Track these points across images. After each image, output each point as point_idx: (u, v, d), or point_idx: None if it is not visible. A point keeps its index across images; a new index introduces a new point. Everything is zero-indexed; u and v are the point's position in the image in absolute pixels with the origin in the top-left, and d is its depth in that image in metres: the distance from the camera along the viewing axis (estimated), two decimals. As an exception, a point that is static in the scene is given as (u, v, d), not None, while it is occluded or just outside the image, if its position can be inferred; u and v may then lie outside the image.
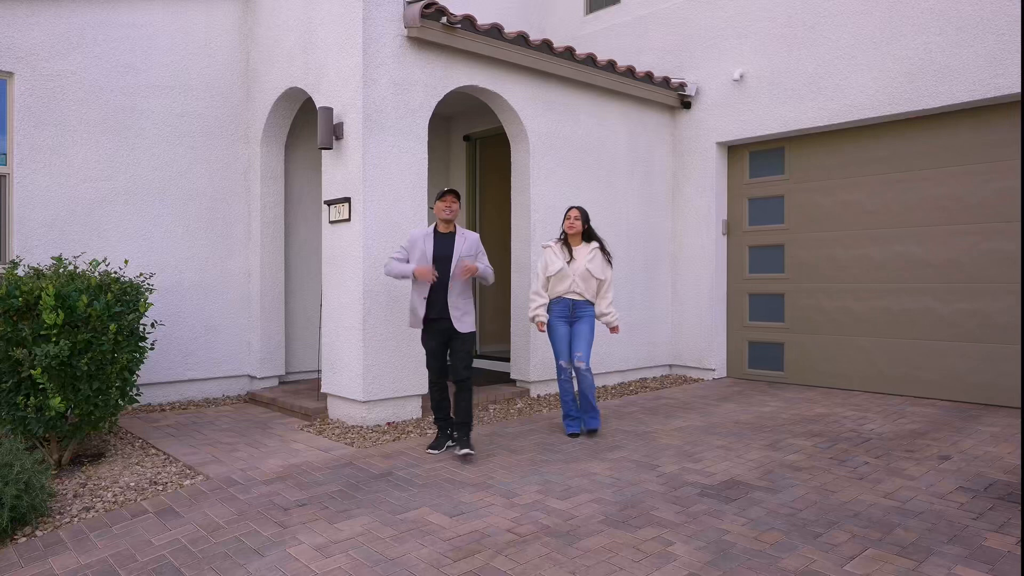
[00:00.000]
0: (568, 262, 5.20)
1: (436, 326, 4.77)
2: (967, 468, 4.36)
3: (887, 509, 3.71)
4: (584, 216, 5.29)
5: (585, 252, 5.25)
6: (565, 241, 5.31)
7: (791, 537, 3.39)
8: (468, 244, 4.81)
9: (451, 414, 4.90)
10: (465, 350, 4.76)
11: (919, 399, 6.44)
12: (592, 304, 5.30)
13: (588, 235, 5.32)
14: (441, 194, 4.77)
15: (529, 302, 5.42)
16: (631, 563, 3.14)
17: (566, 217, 5.28)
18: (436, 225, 4.86)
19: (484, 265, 4.91)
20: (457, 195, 4.79)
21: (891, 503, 3.80)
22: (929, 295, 6.48)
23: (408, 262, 4.81)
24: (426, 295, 4.71)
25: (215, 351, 6.85)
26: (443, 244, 4.77)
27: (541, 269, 5.31)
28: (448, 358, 4.88)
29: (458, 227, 4.86)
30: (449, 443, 4.92)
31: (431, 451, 4.84)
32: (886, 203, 6.74)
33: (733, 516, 3.66)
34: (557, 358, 5.26)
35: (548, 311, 5.29)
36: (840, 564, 3.09)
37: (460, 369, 4.76)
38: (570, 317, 5.24)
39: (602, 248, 5.32)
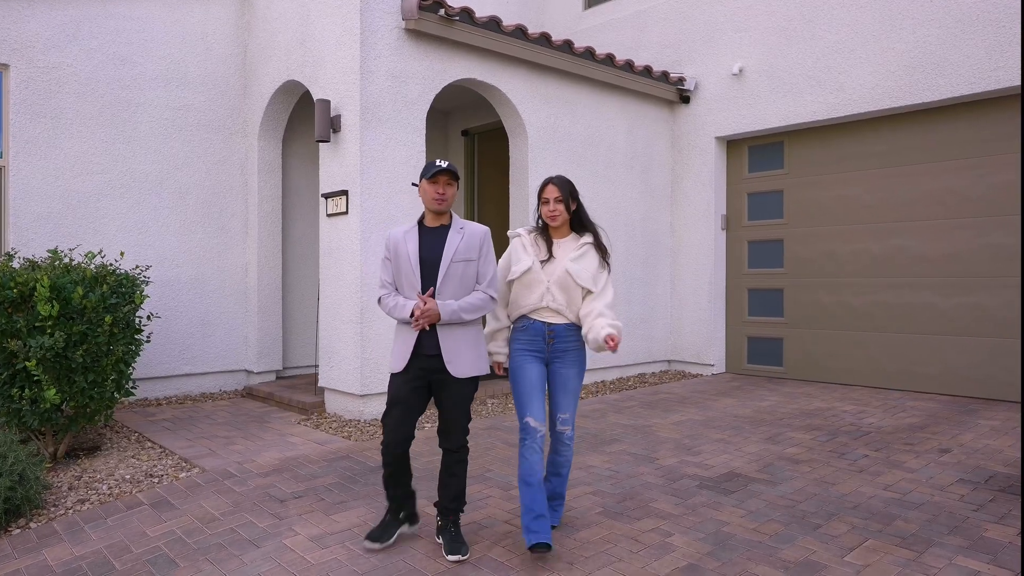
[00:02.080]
0: (544, 261, 3.28)
1: (418, 365, 3.16)
2: (967, 461, 4.34)
3: (887, 501, 3.69)
4: (567, 191, 3.30)
5: (571, 247, 3.33)
6: (543, 230, 3.38)
7: (790, 528, 3.37)
8: (467, 241, 3.18)
9: (412, 487, 3.32)
10: (465, 402, 3.19)
11: (918, 393, 6.42)
12: (580, 328, 3.32)
13: (578, 223, 3.40)
14: (433, 173, 3.13)
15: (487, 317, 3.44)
16: (629, 554, 3.12)
17: (542, 200, 3.31)
18: (423, 216, 3.29)
19: (482, 287, 3.21)
20: (454, 176, 3.19)
21: (891, 495, 3.78)
22: (928, 290, 6.46)
23: (394, 284, 3.26)
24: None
25: (212, 346, 6.82)
26: (431, 241, 3.20)
27: (501, 270, 3.39)
28: (437, 415, 3.27)
29: (455, 217, 3.27)
30: (403, 529, 3.30)
31: (371, 544, 3.18)
32: (885, 197, 6.72)
33: (732, 508, 3.64)
34: (521, 414, 3.23)
35: (511, 342, 3.37)
36: (840, 555, 3.08)
37: (457, 434, 3.18)
38: (545, 353, 3.28)
39: (597, 242, 3.36)
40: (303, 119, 7.37)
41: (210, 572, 3.03)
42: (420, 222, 3.29)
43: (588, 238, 3.38)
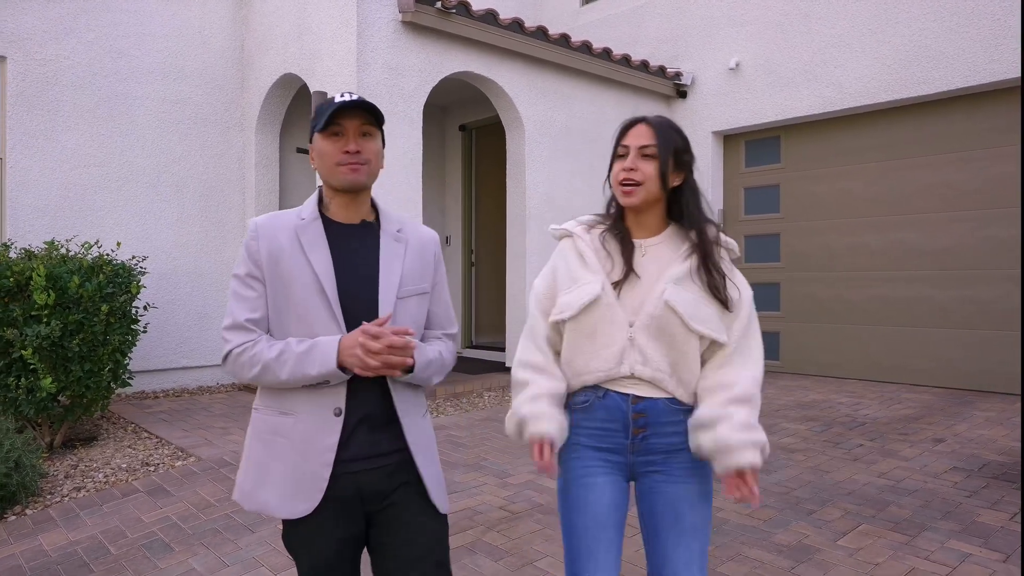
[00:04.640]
0: (620, 280, 1.72)
1: (344, 486, 1.63)
2: (961, 450, 4.35)
3: (881, 488, 3.70)
4: (669, 144, 1.77)
5: (670, 254, 1.75)
6: (616, 221, 1.84)
7: (784, 514, 3.38)
8: (416, 256, 1.76)
9: None
10: (444, 549, 1.71)
11: (914, 386, 6.43)
12: (689, 409, 1.73)
13: (678, 207, 1.80)
14: (331, 114, 1.61)
15: (513, 388, 1.80)
16: (623, 538, 3.13)
17: (618, 152, 1.85)
18: (320, 200, 1.75)
19: (440, 333, 1.84)
20: (375, 118, 1.67)
21: (885, 482, 3.79)
22: (925, 283, 6.47)
23: (266, 326, 1.66)
24: (343, 405, 1.62)
25: (210, 339, 6.83)
26: (348, 252, 1.70)
27: (540, 299, 1.82)
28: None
29: (383, 207, 1.80)
30: None
31: None
32: (882, 191, 6.73)
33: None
34: None
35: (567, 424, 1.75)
36: (833, 539, 3.09)
37: None
38: (628, 455, 1.73)
39: (716, 247, 1.75)
40: (301, 113, 7.38)
41: (205, 556, 3.04)
42: (320, 213, 1.73)
43: (693, 238, 1.75)
